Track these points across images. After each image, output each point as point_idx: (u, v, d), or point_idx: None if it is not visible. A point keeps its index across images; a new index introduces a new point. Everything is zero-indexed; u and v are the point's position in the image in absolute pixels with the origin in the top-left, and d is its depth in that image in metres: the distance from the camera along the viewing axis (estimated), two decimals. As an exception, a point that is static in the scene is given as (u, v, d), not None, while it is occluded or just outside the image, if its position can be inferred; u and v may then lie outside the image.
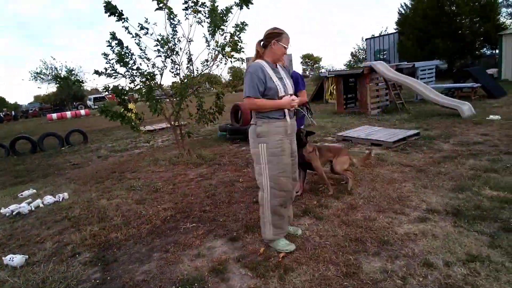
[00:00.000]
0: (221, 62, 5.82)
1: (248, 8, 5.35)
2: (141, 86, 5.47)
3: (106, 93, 5.79)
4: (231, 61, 5.74)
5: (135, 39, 5.44)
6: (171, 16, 5.47)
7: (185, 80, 5.88)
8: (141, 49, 5.59)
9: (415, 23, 19.71)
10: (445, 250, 2.34)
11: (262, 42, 2.44)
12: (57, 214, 3.90)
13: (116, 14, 5.21)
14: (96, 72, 5.23)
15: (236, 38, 5.60)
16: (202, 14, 5.50)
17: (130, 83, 5.44)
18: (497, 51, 17.83)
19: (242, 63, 5.95)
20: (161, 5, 5.27)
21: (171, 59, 5.76)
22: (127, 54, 5.40)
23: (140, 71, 5.50)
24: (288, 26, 3.36)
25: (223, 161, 5.64)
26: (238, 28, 5.58)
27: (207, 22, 5.51)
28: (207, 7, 5.41)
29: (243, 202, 3.66)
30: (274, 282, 2.18)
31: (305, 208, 3.29)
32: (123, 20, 5.26)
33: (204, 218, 3.35)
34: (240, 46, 5.65)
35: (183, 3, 5.42)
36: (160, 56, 5.67)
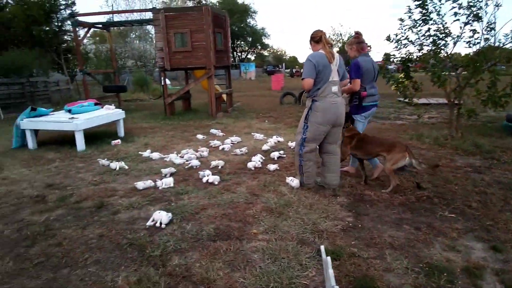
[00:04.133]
0: None
1: None
2: (429, 54, 5.11)
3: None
4: None
5: (434, 6, 5.04)
6: None
7: (483, 52, 4.91)
8: (438, 14, 5.12)
9: None
10: None
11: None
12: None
13: None
14: (388, 38, 5.36)
15: None
16: None
17: (418, 52, 5.22)
18: None
19: None
20: None
21: (470, 27, 4.94)
22: (426, 19, 5.13)
23: (432, 37, 5.11)
24: None
25: (504, 158, 4.49)
26: None
27: None
28: None
29: (528, 215, 2.84)
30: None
31: None
32: None
33: (467, 213, 2.93)
34: None
35: None
36: (458, 20, 4.99)
